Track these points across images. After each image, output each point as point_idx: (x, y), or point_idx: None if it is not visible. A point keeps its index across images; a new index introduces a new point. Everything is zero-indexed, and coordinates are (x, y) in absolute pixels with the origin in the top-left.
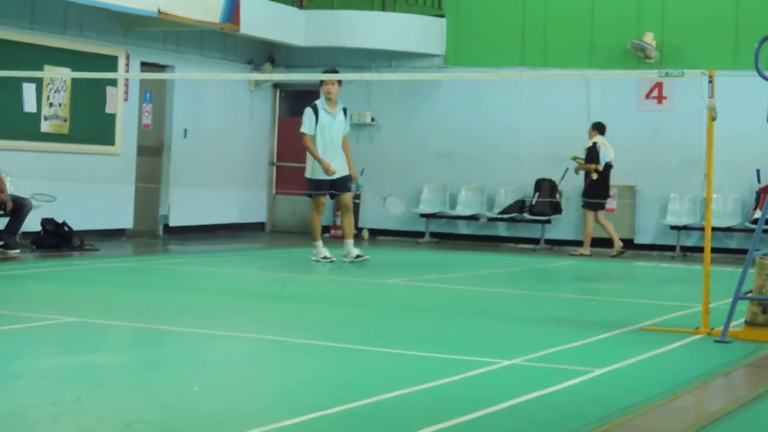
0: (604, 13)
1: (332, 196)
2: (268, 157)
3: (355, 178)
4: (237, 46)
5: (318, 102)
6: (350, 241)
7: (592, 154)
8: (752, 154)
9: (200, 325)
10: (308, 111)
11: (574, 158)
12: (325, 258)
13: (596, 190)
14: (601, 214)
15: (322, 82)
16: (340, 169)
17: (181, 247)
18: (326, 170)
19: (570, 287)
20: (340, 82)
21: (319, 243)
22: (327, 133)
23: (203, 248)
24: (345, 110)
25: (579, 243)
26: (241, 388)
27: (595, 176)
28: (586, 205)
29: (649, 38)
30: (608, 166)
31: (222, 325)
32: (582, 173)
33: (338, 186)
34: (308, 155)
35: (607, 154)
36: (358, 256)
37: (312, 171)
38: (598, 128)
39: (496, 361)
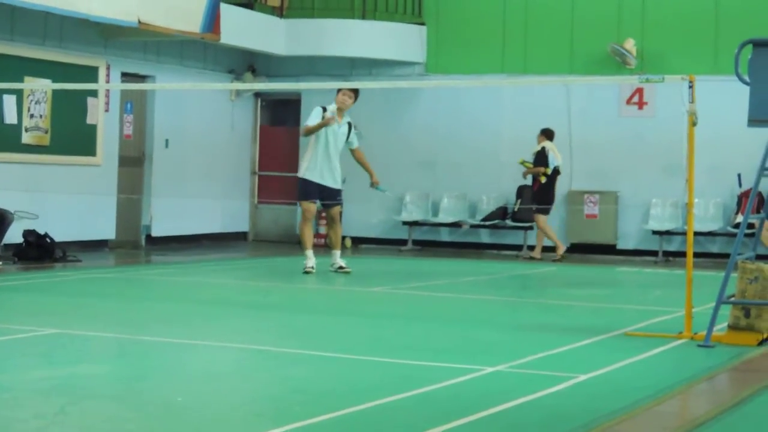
0: (584, 19)
1: (322, 206)
2: (250, 166)
3: (377, 183)
4: (217, 55)
5: (329, 106)
6: (337, 252)
7: (541, 158)
8: (733, 158)
9: (184, 335)
10: (317, 108)
11: (523, 162)
12: (306, 270)
13: (544, 195)
14: (544, 219)
15: (338, 91)
16: (330, 178)
17: (164, 258)
18: (327, 121)
19: (553, 293)
20: (356, 97)
21: (308, 252)
22: (327, 138)
23: (186, 258)
24: (350, 124)
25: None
26: (225, 397)
27: (543, 180)
28: (538, 210)
29: (629, 44)
30: (556, 171)
31: (206, 334)
32: (530, 178)
33: (327, 196)
34: (303, 157)
35: (555, 158)
36: (340, 267)
37: (304, 170)
38: (547, 134)
39: (480, 367)
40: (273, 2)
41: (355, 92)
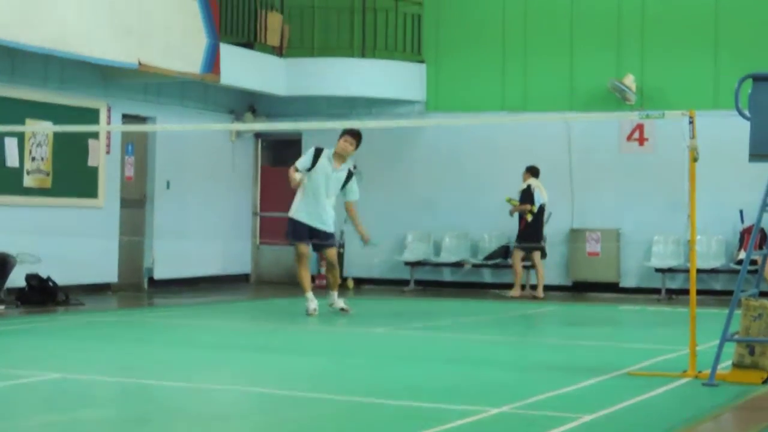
0: (583, 55)
1: (315, 248)
2: (251, 207)
3: (367, 240)
4: (218, 96)
5: (326, 149)
6: (334, 293)
7: (527, 196)
8: (735, 194)
9: (186, 378)
10: (310, 150)
11: (509, 200)
12: (308, 312)
13: (531, 232)
14: (537, 256)
15: (341, 135)
16: (318, 219)
17: (166, 300)
18: (296, 184)
19: (556, 333)
20: (358, 143)
21: (308, 295)
22: (318, 180)
23: (188, 301)
24: (350, 172)
25: (564, 288)
26: None
27: (530, 218)
28: (518, 247)
29: (629, 80)
30: (542, 209)
31: (208, 377)
32: (516, 216)
33: (320, 237)
34: (296, 196)
35: (541, 196)
36: (341, 309)
37: (293, 210)
38: (532, 171)
39: (484, 409)
40: (273, 42)
41: (358, 139)
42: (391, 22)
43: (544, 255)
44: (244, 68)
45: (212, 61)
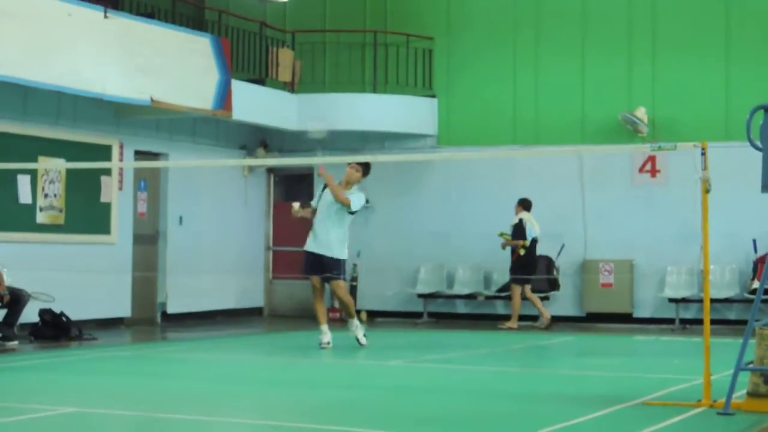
0: (594, 88)
1: (324, 280)
2: (264, 241)
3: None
4: (230, 131)
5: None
6: (352, 321)
7: (519, 230)
8: (748, 224)
9: (200, 412)
10: (320, 187)
11: (502, 234)
12: (321, 344)
13: (523, 265)
14: (528, 288)
15: (348, 164)
16: (323, 244)
17: (179, 335)
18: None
19: (570, 363)
20: (364, 172)
21: (322, 328)
22: (321, 207)
23: (201, 335)
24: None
25: (578, 319)
26: None
27: (522, 252)
28: (514, 281)
29: (641, 112)
30: (534, 241)
31: (222, 411)
32: (509, 249)
33: (326, 267)
34: None
35: (532, 229)
36: (357, 339)
37: (306, 243)
38: (524, 204)
39: None
40: (284, 78)
41: (365, 167)
42: (402, 57)
43: (557, 287)
44: (255, 104)
45: (224, 97)
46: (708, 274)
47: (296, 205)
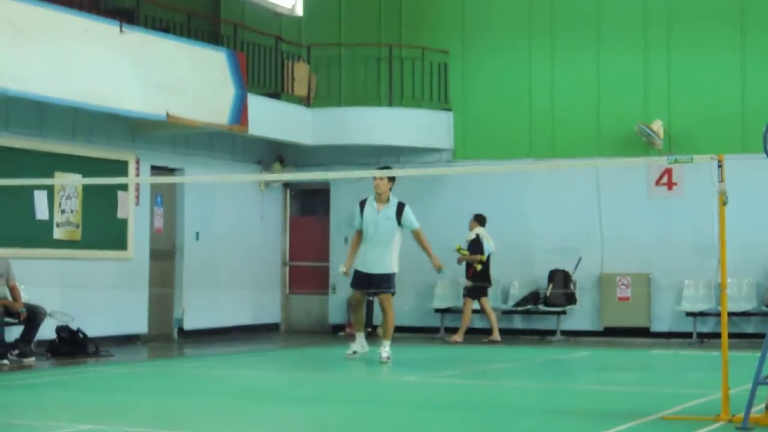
0: (610, 101)
1: (371, 294)
2: (281, 257)
3: (438, 267)
4: (246, 146)
5: (369, 197)
6: (385, 342)
7: (476, 245)
8: (765, 236)
9: (217, 428)
10: (356, 209)
11: (459, 250)
12: (349, 353)
13: (480, 280)
14: (486, 301)
15: (373, 178)
16: (374, 265)
17: (196, 351)
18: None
19: (588, 378)
20: (392, 178)
21: (358, 334)
22: (370, 227)
23: (218, 351)
24: (401, 206)
25: (595, 333)
26: None
27: (479, 267)
28: (469, 294)
29: (657, 125)
30: (488, 257)
31: (239, 427)
32: (464, 264)
33: (374, 283)
34: None
35: (489, 245)
36: (381, 357)
37: (354, 262)
38: (479, 220)
39: None
40: (300, 92)
41: (388, 176)
42: (417, 71)
43: (574, 301)
44: (271, 119)
45: (240, 112)
46: (725, 288)
47: (344, 268)
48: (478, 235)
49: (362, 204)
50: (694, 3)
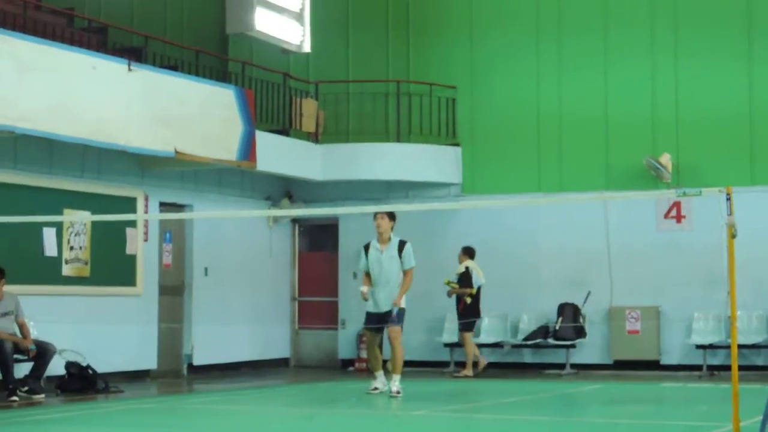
0: (618, 134)
1: (379, 330)
2: (290, 292)
3: (395, 304)
4: (254, 182)
5: (372, 240)
6: (395, 376)
7: (466, 278)
8: None
9: None
10: (360, 252)
11: (448, 283)
12: (371, 389)
13: (469, 313)
14: (468, 335)
15: (374, 220)
16: (384, 304)
17: (206, 386)
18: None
19: (598, 411)
20: (391, 217)
21: (377, 373)
22: (375, 268)
23: (228, 386)
24: (402, 244)
25: (605, 366)
26: None
27: (469, 300)
28: (464, 328)
29: (665, 159)
30: (479, 290)
31: None
32: (454, 297)
33: (383, 320)
34: None
35: (478, 278)
36: (391, 392)
37: (366, 303)
38: (468, 252)
39: None
40: (308, 128)
41: (388, 214)
42: (425, 106)
43: (583, 334)
44: (280, 155)
45: (248, 149)
46: (735, 320)
47: (365, 289)
48: (467, 268)
49: (366, 247)
50: (701, 34)
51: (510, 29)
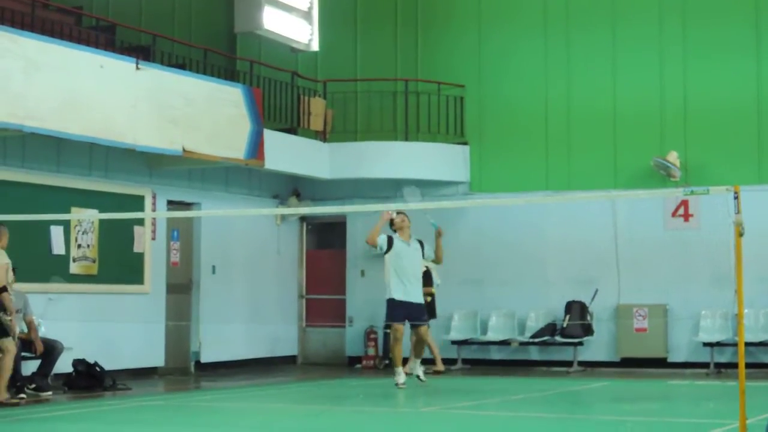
0: (626, 133)
1: (411, 326)
2: (298, 289)
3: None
4: (262, 180)
5: (393, 235)
6: (417, 360)
7: (427, 278)
8: None
9: None
10: (382, 237)
11: None
12: (398, 385)
13: (430, 312)
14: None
15: (391, 225)
16: (415, 296)
17: (213, 384)
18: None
19: (605, 409)
20: (407, 216)
21: (399, 369)
22: (405, 258)
23: (235, 384)
24: (420, 242)
25: (612, 364)
26: None
27: (428, 299)
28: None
29: (673, 157)
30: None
31: None
32: None
33: (414, 316)
34: (387, 281)
35: (436, 278)
36: (419, 377)
37: (391, 292)
38: None
39: None
40: (316, 127)
41: (403, 212)
42: (433, 105)
43: (591, 332)
44: (288, 153)
45: (256, 147)
46: (742, 318)
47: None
48: (428, 268)
49: (390, 239)
50: (709, 29)
51: (518, 25)
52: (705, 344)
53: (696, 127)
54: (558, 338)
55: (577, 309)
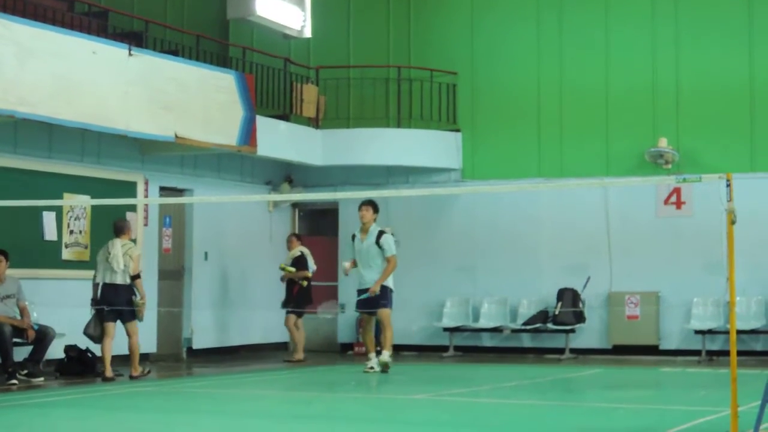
0: (619, 120)
1: (371, 313)
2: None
3: (372, 292)
4: (254, 167)
5: (357, 230)
6: (386, 353)
7: (302, 262)
8: None
9: None
10: (350, 240)
11: (284, 268)
12: (367, 369)
13: (303, 298)
14: (300, 321)
15: (359, 210)
16: (368, 281)
17: (205, 370)
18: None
19: (597, 396)
20: (375, 209)
21: (370, 355)
22: (357, 256)
23: (227, 370)
24: (380, 234)
25: (604, 351)
26: None
27: (305, 284)
28: (299, 313)
29: (663, 143)
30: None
31: None
32: (286, 282)
33: (368, 305)
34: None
35: (311, 263)
36: (384, 365)
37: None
38: (299, 238)
39: None
40: (308, 113)
41: (371, 205)
42: (426, 92)
43: (582, 320)
44: (280, 140)
45: (249, 134)
46: (734, 306)
47: (347, 264)
48: (302, 252)
49: (353, 237)
50: (701, 20)
51: (510, 11)
52: (697, 332)
53: (689, 115)
54: (550, 325)
55: (569, 296)
